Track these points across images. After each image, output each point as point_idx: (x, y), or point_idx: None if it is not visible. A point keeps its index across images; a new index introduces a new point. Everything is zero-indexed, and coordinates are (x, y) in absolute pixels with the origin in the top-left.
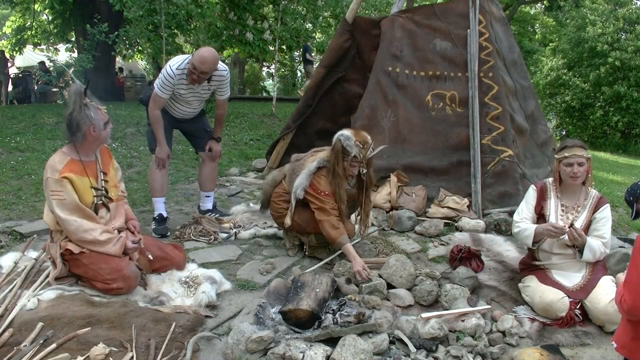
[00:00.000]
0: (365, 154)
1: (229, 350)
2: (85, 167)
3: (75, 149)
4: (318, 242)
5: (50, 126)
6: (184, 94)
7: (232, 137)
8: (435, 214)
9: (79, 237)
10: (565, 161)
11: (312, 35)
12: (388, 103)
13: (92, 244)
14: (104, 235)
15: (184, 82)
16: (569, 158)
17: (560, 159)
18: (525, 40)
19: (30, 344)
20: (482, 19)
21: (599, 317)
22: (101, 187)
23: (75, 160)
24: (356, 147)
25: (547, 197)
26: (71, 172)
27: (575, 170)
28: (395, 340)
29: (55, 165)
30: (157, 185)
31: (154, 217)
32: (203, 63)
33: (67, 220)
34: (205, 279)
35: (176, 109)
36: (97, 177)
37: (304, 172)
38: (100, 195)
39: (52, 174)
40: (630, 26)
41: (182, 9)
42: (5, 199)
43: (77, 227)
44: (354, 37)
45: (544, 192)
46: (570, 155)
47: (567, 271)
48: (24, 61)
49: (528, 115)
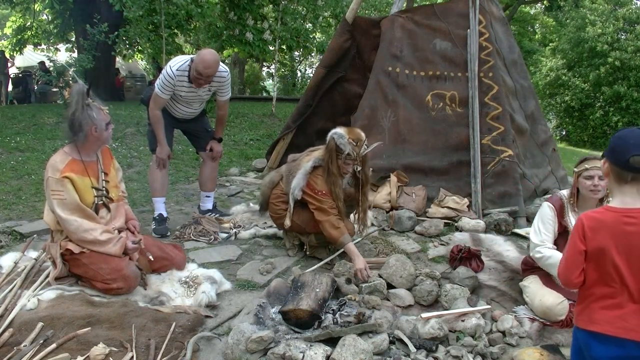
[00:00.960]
0: (358, 151)
1: (229, 350)
2: (87, 167)
3: (76, 148)
4: (318, 242)
5: (50, 126)
6: (184, 96)
7: (232, 137)
8: (435, 214)
9: (79, 237)
10: (586, 174)
11: (312, 35)
12: (388, 103)
13: (92, 244)
14: (104, 235)
15: (185, 83)
16: (589, 170)
17: (580, 172)
18: (525, 40)
19: (30, 344)
20: (482, 19)
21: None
22: (102, 187)
23: (77, 160)
24: (349, 144)
25: (565, 213)
26: (72, 172)
27: (596, 182)
28: (395, 340)
29: (56, 164)
30: (158, 185)
31: (154, 217)
32: (208, 67)
33: (67, 220)
34: (205, 279)
35: (177, 110)
36: (98, 177)
37: (300, 172)
38: (101, 196)
39: (53, 173)
40: (630, 26)
41: (182, 8)
42: (5, 199)
43: (77, 227)
44: (354, 37)
45: (562, 209)
46: (591, 167)
47: None
48: (24, 61)
49: (528, 115)
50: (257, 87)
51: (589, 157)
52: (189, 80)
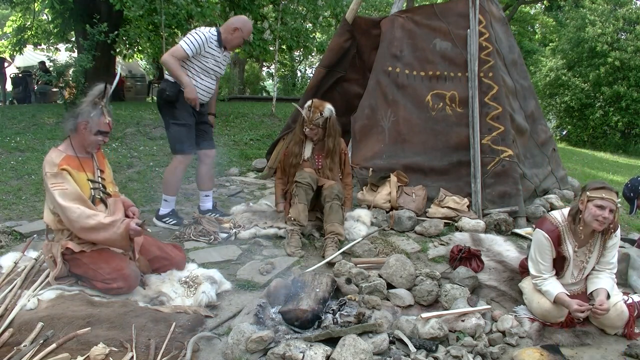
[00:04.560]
0: (310, 115)
1: (229, 350)
2: (82, 163)
3: (71, 145)
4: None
5: (50, 126)
6: (209, 62)
7: (232, 137)
8: (435, 214)
9: (82, 225)
10: (600, 202)
11: (312, 35)
12: (388, 103)
13: (96, 231)
14: (107, 219)
15: (214, 45)
16: (604, 200)
17: (592, 199)
18: (525, 40)
19: (30, 344)
20: (482, 19)
21: (601, 321)
22: (98, 180)
23: (72, 156)
24: (306, 109)
25: (562, 240)
26: (68, 166)
27: (606, 215)
28: (395, 340)
29: (52, 160)
30: (176, 184)
31: (168, 212)
32: (250, 30)
33: (69, 207)
34: (205, 279)
35: (203, 85)
36: (93, 172)
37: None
38: (98, 189)
39: (50, 168)
40: (630, 26)
41: (183, 8)
42: (5, 199)
43: (80, 214)
44: (354, 37)
45: (559, 238)
46: (607, 197)
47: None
48: (24, 61)
49: (528, 115)
50: (257, 87)
51: (606, 185)
52: (219, 45)
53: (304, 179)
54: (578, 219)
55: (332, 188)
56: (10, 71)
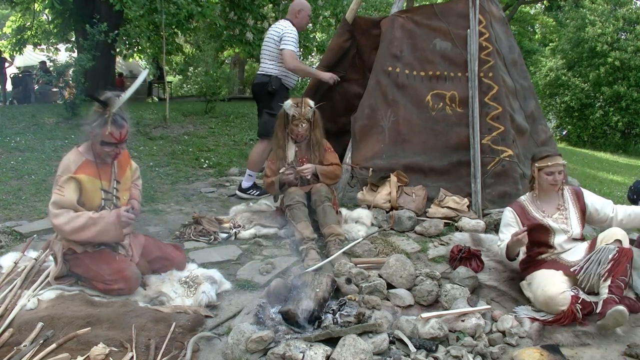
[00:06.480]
0: (301, 110)
1: (229, 350)
2: (99, 170)
3: (91, 149)
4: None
5: (50, 126)
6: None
7: (232, 137)
8: (435, 214)
9: (72, 227)
10: (547, 170)
11: (312, 35)
12: (388, 103)
13: (87, 227)
14: (96, 214)
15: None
16: (551, 167)
17: (541, 168)
18: (525, 40)
19: (30, 344)
20: (482, 19)
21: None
22: (112, 192)
23: (90, 161)
24: (292, 107)
25: (528, 212)
26: (83, 174)
27: (556, 178)
28: (395, 340)
29: (69, 165)
30: (261, 162)
31: (251, 185)
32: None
33: (57, 213)
34: (205, 279)
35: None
36: (110, 181)
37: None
38: (110, 200)
39: (63, 172)
40: (630, 26)
41: (183, 8)
42: (5, 199)
43: (68, 218)
44: (354, 37)
45: (524, 210)
46: (553, 164)
47: (573, 252)
48: (24, 61)
49: (528, 115)
50: None
51: (549, 152)
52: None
53: (293, 200)
54: (534, 187)
55: (319, 191)
56: (10, 71)
